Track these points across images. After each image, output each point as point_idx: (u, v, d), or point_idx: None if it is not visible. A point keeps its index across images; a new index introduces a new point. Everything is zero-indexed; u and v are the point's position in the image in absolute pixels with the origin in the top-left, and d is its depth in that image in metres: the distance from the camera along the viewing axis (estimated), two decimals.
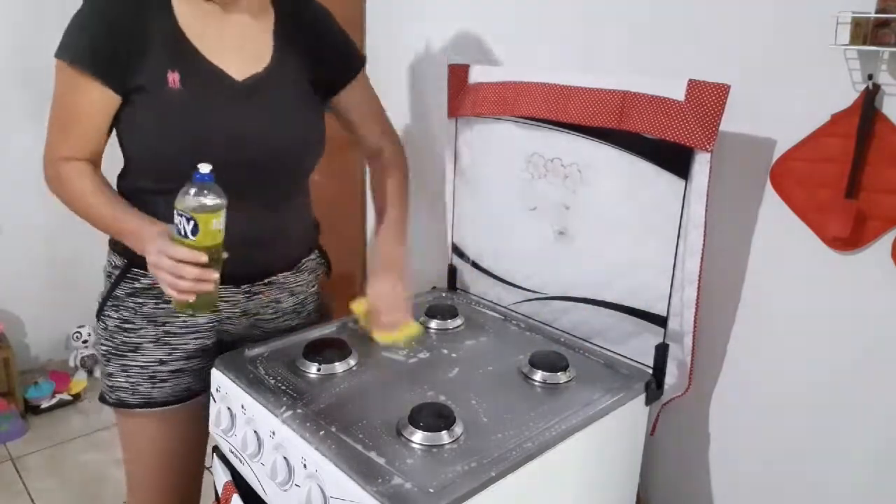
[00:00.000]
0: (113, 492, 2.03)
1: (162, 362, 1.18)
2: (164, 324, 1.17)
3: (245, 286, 1.20)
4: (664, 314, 1.17)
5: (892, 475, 1.08)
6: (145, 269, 1.05)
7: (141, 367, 1.17)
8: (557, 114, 1.23)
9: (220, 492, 1.18)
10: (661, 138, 1.09)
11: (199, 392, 1.22)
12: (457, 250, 1.57)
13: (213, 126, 1.07)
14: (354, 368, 1.18)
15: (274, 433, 1.03)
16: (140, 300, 1.16)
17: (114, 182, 1.16)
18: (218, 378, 1.16)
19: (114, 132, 1.12)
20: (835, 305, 1.09)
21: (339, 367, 1.16)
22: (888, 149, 0.99)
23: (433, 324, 1.36)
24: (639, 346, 1.23)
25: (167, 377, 1.19)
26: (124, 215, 1.07)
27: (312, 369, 1.15)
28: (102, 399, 1.22)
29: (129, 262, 1.16)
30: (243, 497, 1.12)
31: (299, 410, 1.04)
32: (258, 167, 1.12)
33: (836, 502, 1.15)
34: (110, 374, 1.19)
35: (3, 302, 2.51)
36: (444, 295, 1.55)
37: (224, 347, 1.23)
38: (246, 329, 1.25)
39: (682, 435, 1.33)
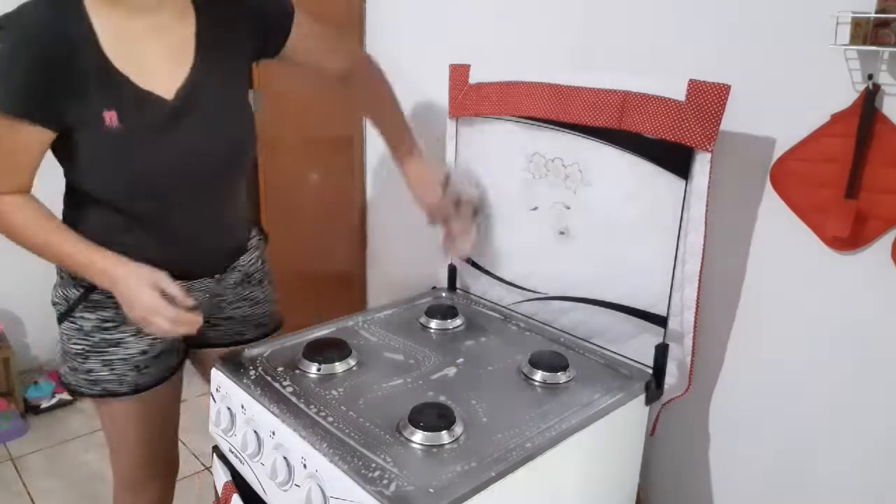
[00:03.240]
0: (113, 492, 2.03)
1: (144, 353, 1.21)
2: None
3: (217, 275, 1.24)
4: (664, 314, 1.17)
5: (893, 475, 1.08)
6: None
7: (124, 359, 1.19)
8: (558, 114, 1.23)
9: (220, 492, 1.18)
10: (661, 138, 1.09)
11: (177, 368, 1.27)
12: None
13: (155, 156, 1.06)
14: (354, 368, 1.18)
15: (274, 433, 1.03)
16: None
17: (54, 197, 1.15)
18: (218, 378, 1.16)
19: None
20: (835, 305, 1.09)
21: (339, 367, 1.16)
22: (888, 149, 0.99)
23: (433, 324, 1.36)
24: (639, 346, 1.23)
25: (150, 363, 1.22)
26: (86, 252, 1.07)
27: (312, 369, 1.15)
28: (79, 392, 1.21)
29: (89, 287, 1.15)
30: (243, 497, 1.12)
31: (299, 410, 1.04)
32: (205, 179, 1.13)
33: (836, 502, 1.15)
34: (90, 371, 1.19)
35: (3, 302, 2.51)
36: (444, 295, 1.55)
37: None
38: (209, 307, 1.27)
39: (682, 435, 1.33)
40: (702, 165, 1.07)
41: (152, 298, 1.04)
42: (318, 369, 1.15)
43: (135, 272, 1.06)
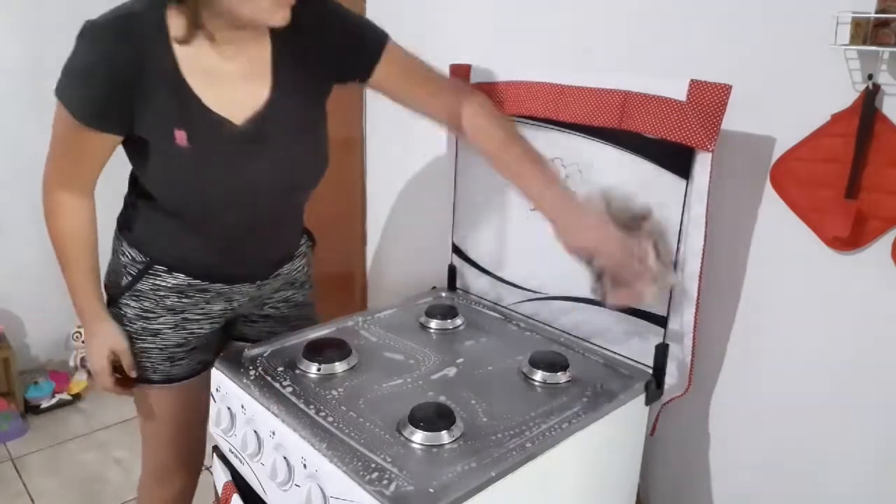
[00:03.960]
0: (113, 491, 2.03)
1: (179, 345, 1.24)
2: (182, 311, 1.22)
3: (259, 282, 1.27)
4: (664, 314, 1.17)
5: (893, 475, 1.08)
6: (169, 267, 1.18)
7: (160, 349, 1.23)
8: (559, 114, 1.23)
9: (220, 492, 1.18)
10: (662, 138, 1.09)
11: (210, 363, 1.27)
12: (457, 250, 1.57)
13: (220, 178, 1.08)
14: (354, 368, 1.18)
15: (274, 433, 1.03)
16: (163, 294, 1.20)
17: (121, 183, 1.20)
18: (218, 378, 1.16)
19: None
20: (835, 305, 1.09)
21: (339, 367, 1.16)
22: (888, 149, 0.99)
23: (433, 324, 1.36)
24: (639, 346, 1.23)
25: (184, 356, 1.25)
26: (87, 292, 1.17)
27: (312, 369, 1.15)
28: (130, 378, 1.26)
29: (150, 260, 1.19)
30: (243, 497, 1.12)
31: (299, 410, 1.04)
32: (264, 207, 1.16)
33: (836, 502, 1.15)
34: (132, 355, 1.23)
35: (3, 302, 2.51)
36: (444, 295, 1.55)
37: (227, 322, 1.33)
38: (252, 307, 1.32)
39: (682, 435, 1.33)
40: (702, 165, 1.07)
41: (102, 363, 1.18)
42: (318, 369, 1.15)
43: (101, 336, 1.18)
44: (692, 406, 1.29)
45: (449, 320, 1.37)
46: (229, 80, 1.05)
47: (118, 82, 0.98)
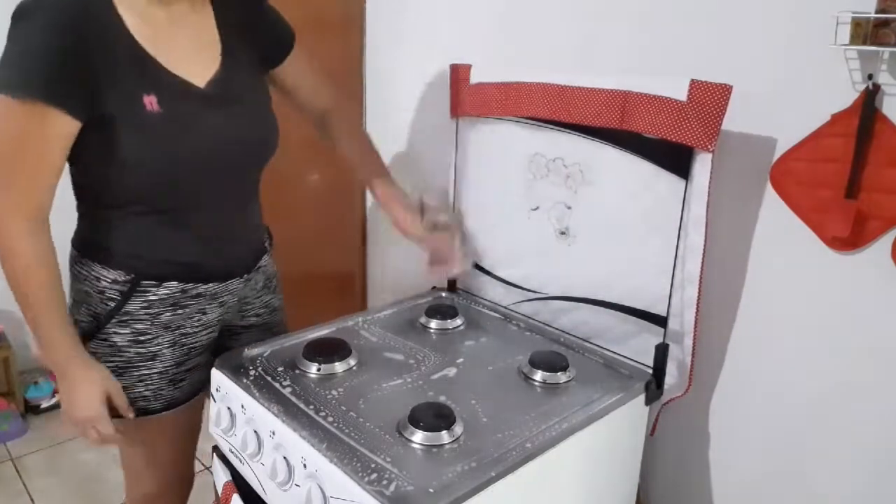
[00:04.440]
0: (112, 491, 2.03)
1: (179, 364, 1.18)
2: (178, 327, 1.16)
3: (245, 275, 1.24)
4: (664, 314, 1.17)
5: (893, 475, 1.08)
6: (156, 279, 1.11)
7: (160, 372, 1.16)
8: (559, 114, 1.23)
9: (220, 492, 1.18)
10: (662, 138, 1.09)
11: (207, 382, 1.24)
12: None
13: (194, 141, 1.06)
14: (354, 368, 1.18)
15: (274, 433, 1.03)
16: (155, 310, 1.13)
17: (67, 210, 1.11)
18: (218, 378, 1.16)
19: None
20: (835, 305, 1.09)
21: (339, 367, 1.16)
22: (888, 149, 0.99)
23: (433, 324, 1.36)
24: (639, 346, 1.23)
25: (184, 376, 1.20)
26: (60, 328, 1.04)
27: (312, 369, 1.15)
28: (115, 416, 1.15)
29: (136, 275, 1.10)
30: (243, 497, 1.12)
31: (299, 410, 1.04)
32: (236, 169, 1.15)
33: (835, 502, 1.15)
34: (125, 388, 1.13)
35: (3, 302, 2.50)
36: (444, 295, 1.55)
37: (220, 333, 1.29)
38: (235, 313, 1.29)
39: (682, 435, 1.33)
40: (702, 165, 1.07)
41: (99, 410, 1.06)
42: (318, 369, 1.15)
43: (89, 380, 1.06)
44: (692, 406, 1.29)
45: (449, 320, 1.37)
46: (183, 45, 1.06)
47: (73, 54, 0.93)
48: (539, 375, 1.16)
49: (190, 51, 1.07)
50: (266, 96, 1.22)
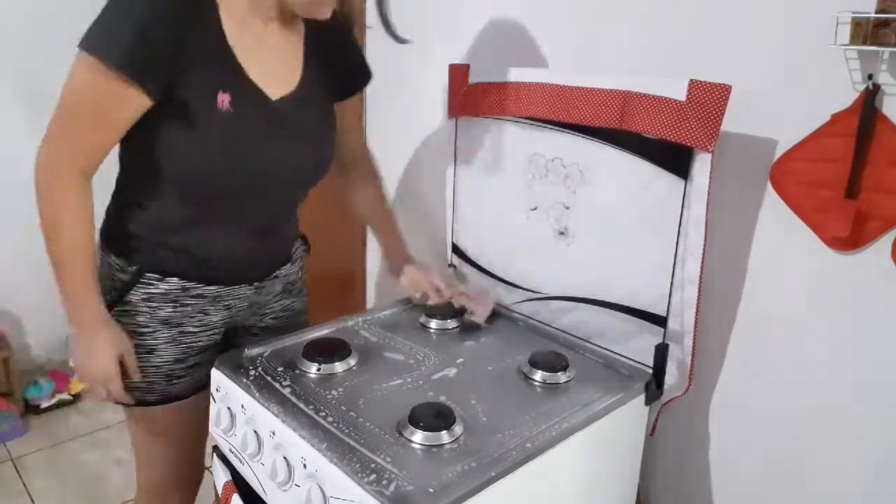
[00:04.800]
0: (113, 492, 2.03)
1: (178, 360, 1.19)
2: (178, 325, 1.17)
3: (256, 284, 1.25)
4: (664, 314, 1.17)
5: (891, 474, 1.08)
6: (160, 273, 1.13)
7: (156, 367, 1.17)
8: (558, 114, 1.23)
9: (220, 492, 1.18)
10: (661, 138, 1.09)
11: (209, 381, 1.24)
12: (457, 250, 1.57)
13: (253, 150, 1.08)
14: (354, 368, 1.18)
15: (274, 433, 1.03)
16: (155, 305, 1.14)
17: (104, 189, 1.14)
18: (218, 378, 1.16)
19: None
20: (835, 305, 1.09)
21: (339, 367, 1.16)
22: (888, 149, 0.99)
23: (433, 324, 1.36)
24: (639, 346, 1.23)
25: (183, 373, 1.21)
26: (87, 285, 1.06)
27: (312, 369, 1.15)
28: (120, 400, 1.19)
29: (140, 266, 1.13)
30: (243, 497, 1.12)
31: (299, 410, 1.04)
32: (278, 187, 1.16)
33: (835, 502, 1.15)
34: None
35: (3, 302, 2.51)
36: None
37: (227, 335, 1.30)
38: (249, 315, 1.30)
39: (682, 435, 1.33)
40: (702, 166, 1.07)
41: (110, 367, 1.08)
42: (318, 369, 1.15)
43: (106, 339, 1.08)
44: (692, 406, 1.29)
45: (449, 320, 1.37)
46: (268, 58, 1.08)
47: (167, 37, 0.95)
48: (539, 375, 1.16)
49: (272, 64, 1.09)
50: (332, 126, 1.22)
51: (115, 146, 1.05)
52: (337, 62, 1.21)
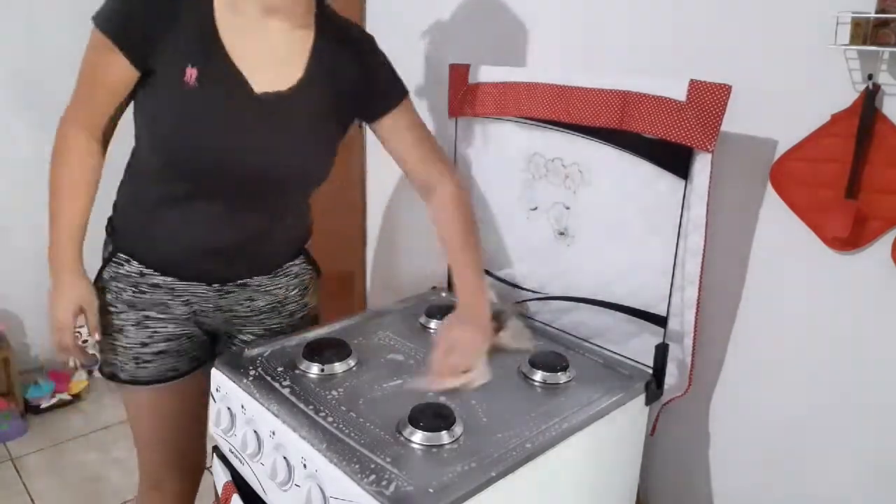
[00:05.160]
0: (113, 491, 2.03)
1: (144, 345, 1.20)
2: (143, 309, 1.19)
3: (216, 285, 1.21)
4: (664, 314, 1.17)
5: (891, 474, 1.08)
6: (127, 254, 1.17)
7: (125, 347, 1.20)
8: (558, 114, 1.23)
9: (220, 492, 1.18)
10: (661, 138, 1.09)
11: (185, 373, 1.25)
12: None
13: (211, 131, 1.05)
14: (354, 368, 1.18)
15: (274, 433, 1.03)
16: (120, 285, 1.18)
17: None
18: (218, 378, 1.16)
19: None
20: (835, 305, 1.09)
21: (338, 367, 1.16)
22: (888, 149, 0.99)
23: (433, 324, 1.36)
24: (639, 346, 1.23)
25: (150, 359, 1.21)
26: (71, 238, 1.13)
27: (312, 369, 1.15)
28: (100, 369, 1.26)
29: (114, 245, 1.19)
30: (243, 497, 1.12)
31: (299, 410, 1.04)
32: (250, 183, 1.11)
33: (835, 502, 1.15)
34: (102, 350, 1.22)
35: (3, 302, 2.51)
36: (444, 295, 1.55)
37: (209, 335, 1.29)
38: (223, 323, 1.27)
39: (682, 435, 1.33)
40: (702, 166, 1.07)
41: (67, 318, 1.14)
42: (319, 369, 1.15)
43: (71, 289, 1.14)
44: (692, 406, 1.29)
45: None
46: (261, 51, 1.07)
47: (153, 8, 1.01)
48: (539, 375, 1.16)
49: (265, 60, 1.07)
50: (320, 138, 1.15)
51: (112, 112, 1.11)
52: (350, 77, 1.15)
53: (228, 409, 1.14)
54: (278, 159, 1.11)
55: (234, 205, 1.13)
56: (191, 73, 1.02)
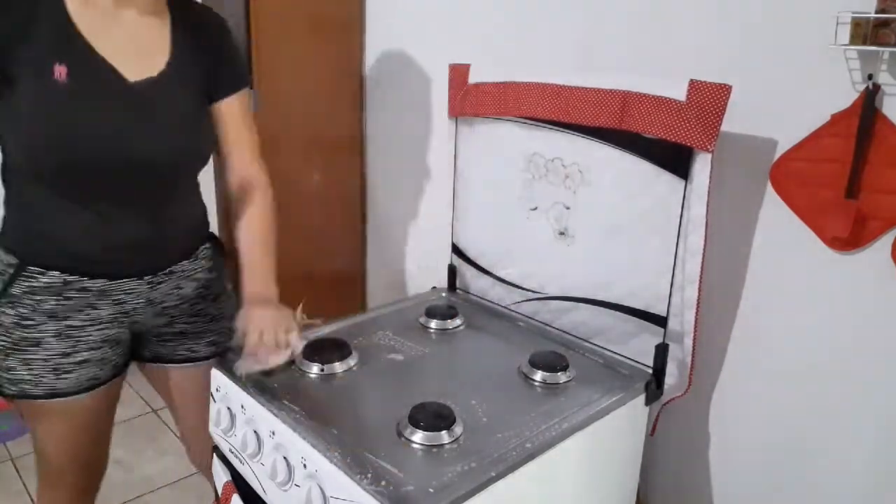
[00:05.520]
0: (111, 492, 2.03)
1: (65, 355, 1.16)
2: (65, 318, 1.14)
3: (148, 277, 1.19)
4: (664, 314, 1.17)
5: (891, 474, 1.08)
6: (42, 266, 1.11)
7: (44, 359, 1.14)
8: (558, 114, 1.23)
9: (220, 492, 1.18)
10: (661, 138, 1.09)
11: (105, 381, 1.21)
12: (457, 250, 1.57)
13: (96, 124, 1.04)
14: (354, 368, 1.18)
15: (274, 433, 1.03)
16: (39, 297, 1.13)
17: None
18: (218, 378, 1.16)
19: None
20: (835, 305, 1.09)
21: (339, 367, 1.16)
22: (888, 149, 0.99)
23: (433, 324, 1.36)
24: (639, 346, 1.23)
25: (71, 368, 1.17)
26: None
27: (313, 369, 1.15)
28: (1, 392, 1.17)
29: (21, 260, 1.12)
30: (243, 497, 1.12)
31: (299, 410, 1.04)
32: (139, 170, 1.10)
33: (835, 502, 1.15)
34: (10, 368, 1.14)
35: None
36: (444, 295, 1.55)
37: (134, 337, 1.25)
38: (153, 317, 1.23)
39: (682, 435, 1.33)
40: (702, 166, 1.07)
41: None
42: (319, 369, 1.15)
43: None
44: (692, 406, 1.29)
45: (449, 320, 1.37)
46: (123, 41, 1.07)
47: (3, 12, 0.98)
48: (539, 375, 1.16)
49: (129, 49, 1.07)
50: (198, 117, 1.18)
51: None
52: (207, 59, 1.17)
53: (228, 409, 1.14)
54: (160, 146, 1.11)
55: (130, 195, 1.12)
56: (60, 70, 1.01)
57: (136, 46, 1.08)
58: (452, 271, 1.58)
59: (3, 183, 1.14)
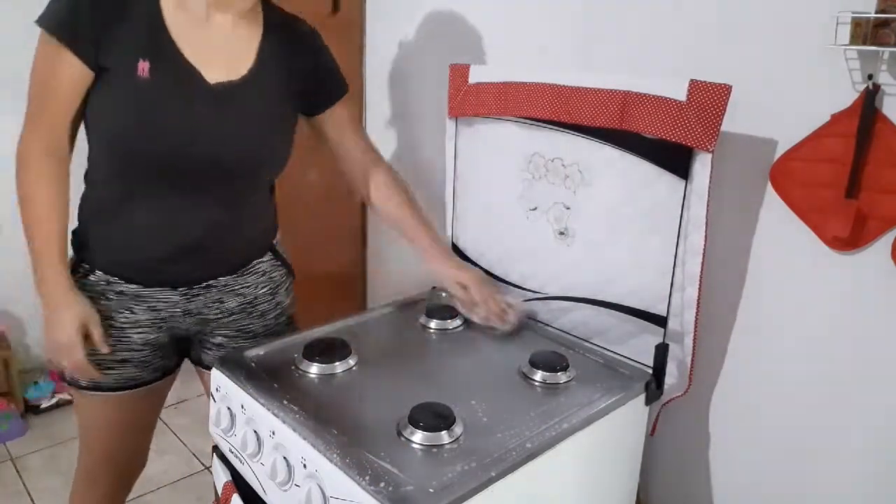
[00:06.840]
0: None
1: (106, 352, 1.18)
2: (108, 317, 1.17)
3: (182, 289, 1.20)
4: (664, 314, 1.17)
5: (891, 474, 1.08)
6: (89, 264, 1.17)
7: (89, 353, 1.15)
8: (558, 114, 1.23)
9: (220, 492, 1.18)
10: (662, 138, 1.09)
11: (148, 382, 1.24)
12: (457, 250, 1.57)
13: (172, 122, 1.07)
14: (354, 368, 1.18)
15: (274, 433, 1.03)
16: (87, 293, 1.15)
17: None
18: (218, 378, 1.16)
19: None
20: (835, 305, 1.09)
21: (339, 367, 1.16)
22: (888, 149, 0.99)
23: (433, 324, 1.36)
24: (639, 346, 1.23)
25: (112, 365, 1.19)
26: (54, 259, 1.10)
27: (312, 369, 1.15)
28: (61, 375, 1.22)
29: (78, 257, 1.19)
30: (243, 497, 1.12)
31: (299, 410, 1.04)
32: (207, 173, 1.11)
33: (835, 502, 1.15)
34: None
35: (3, 302, 2.51)
36: (444, 295, 1.55)
37: (178, 341, 1.28)
38: (194, 325, 1.25)
39: (682, 435, 1.33)
40: (702, 166, 1.07)
41: (72, 336, 1.09)
42: (318, 369, 1.15)
43: (71, 307, 1.10)
44: (692, 406, 1.29)
45: (449, 320, 1.37)
46: (211, 44, 1.09)
47: (102, 7, 1.02)
48: (539, 375, 1.16)
49: (214, 53, 1.10)
50: (282, 126, 1.20)
51: (69, 123, 1.09)
52: (298, 70, 1.19)
53: (228, 409, 1.14)
54: (234, 147, 1.12)
55: (194, 198, 1.13)
56: (143, 66, 1.04)
57: (221, 51, 1.11)
58: None
59: (85, 181, 1.18)
